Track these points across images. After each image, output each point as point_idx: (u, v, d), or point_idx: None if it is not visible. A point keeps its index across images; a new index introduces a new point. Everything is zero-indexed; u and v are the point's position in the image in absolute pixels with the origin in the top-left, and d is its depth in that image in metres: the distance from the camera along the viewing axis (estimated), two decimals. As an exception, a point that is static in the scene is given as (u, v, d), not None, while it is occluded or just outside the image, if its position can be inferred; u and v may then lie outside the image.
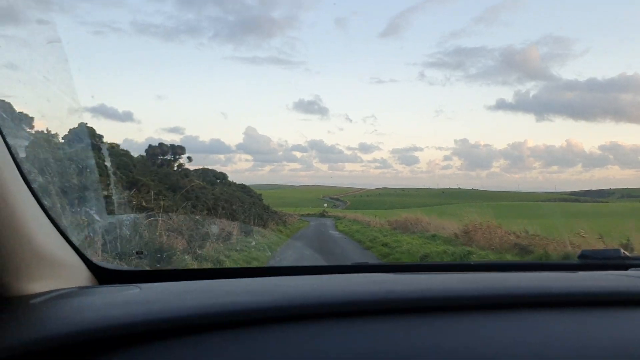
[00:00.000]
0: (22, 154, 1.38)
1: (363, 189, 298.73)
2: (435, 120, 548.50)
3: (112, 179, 7.93)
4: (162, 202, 11.59)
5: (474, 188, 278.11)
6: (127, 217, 7.80)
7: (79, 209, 3.56)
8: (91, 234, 3.82)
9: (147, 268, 1.90)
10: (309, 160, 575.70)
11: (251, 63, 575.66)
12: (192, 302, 1.16)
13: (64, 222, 1.91)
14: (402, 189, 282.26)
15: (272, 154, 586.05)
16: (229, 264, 9.49)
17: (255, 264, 10.85)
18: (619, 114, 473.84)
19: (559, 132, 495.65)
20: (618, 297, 1.22)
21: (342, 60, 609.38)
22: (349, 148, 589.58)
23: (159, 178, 16.31)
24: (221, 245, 11.54)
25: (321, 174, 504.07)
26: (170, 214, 10.59)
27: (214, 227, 11.23)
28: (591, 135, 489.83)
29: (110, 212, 6.82)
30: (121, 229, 6.68)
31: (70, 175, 3.75)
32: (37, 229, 1.27)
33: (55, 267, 1.36)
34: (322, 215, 63.42)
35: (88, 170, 3.72)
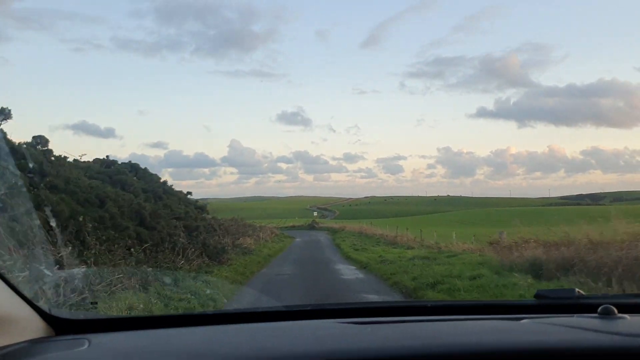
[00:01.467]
0: None
1: (350, 199, 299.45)
2: (417, 129, 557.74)
3: (59, 236, 8.25)
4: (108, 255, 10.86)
5: (462, 195, 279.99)
6: (78, 271, 7.97)
7: (29, 266, 3.60)
8: (43, 288, 3.83)
9: (102, 316, 1.97)
10: (294, 172, 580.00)
11: (234, 76, 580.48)
12: None
13: (16, 279, 1.93)
14: (391, 197, 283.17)
15: (257, 166, 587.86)
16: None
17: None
18: (599, 118, 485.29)
19: (540, 138, 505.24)
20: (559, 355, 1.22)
21: (324, 72, 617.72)
22: (333, 158, 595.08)
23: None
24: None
25: (307, 185, 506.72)
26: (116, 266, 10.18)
27: (167, 278, 10.53)
28: (573, 141, 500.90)
29: (60, 267, 7.15)
30: (73, 282, 6.87)
31: (16, 235, 3.91)
32: None
33: (7, 322, 1.39)
34: (312, 227, 56.66)
35: (33, 230, 3.86)
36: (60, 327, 1.60)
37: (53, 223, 6.85)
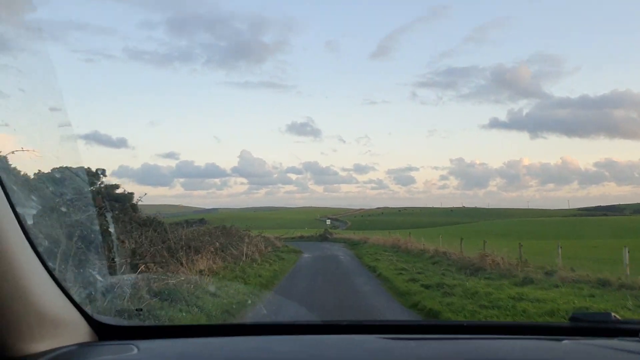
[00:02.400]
0: (30, 221, 1.46)
1: (362, 209, 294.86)
2: (429, 139, 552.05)
3: (115, 242, 8.46)
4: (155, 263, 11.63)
5: (478, 206, 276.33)
6: (128, 277, 8.24)
7: (82, 270, 3.74)
8: (93, 293, 4.01)
9: (146, 323, 1.56)
10: (304, 182, 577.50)
11: (244, 87, 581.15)
12: None
13: (68, 283, 1.96)
14: (405, 208, 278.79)
15: (267, 177, 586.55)
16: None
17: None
18: (613, 130, 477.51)
19: (553, 150, 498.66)
20: None
21: (333, 82, 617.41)
22: (343, 169, 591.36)
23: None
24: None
25: (317, 196, 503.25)
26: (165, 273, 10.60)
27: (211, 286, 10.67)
28: (586, 152, 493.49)
29: (113, 273, 7.28)
30: (122, 289, 7.07)
31: (74, 239, 4.09)
32: (42, 291, 1.36)
33: (57, 326, 1.44)
34: (324, 237, 51.34)
35: (92, 235, 4.02)
36: (104, 332, 1.65)
37: (112, 229, 6.92)
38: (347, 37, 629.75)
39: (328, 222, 56.47)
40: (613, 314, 1.78)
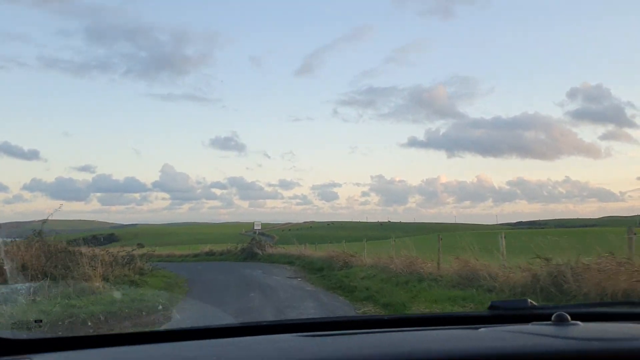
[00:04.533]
0: None
1: (289, 223, 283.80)
2: (351, 156, 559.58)
3: (2, 249, 8.42)
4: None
5: (403, 221, 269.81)
6: (22, 286, 7.91)
7: None
8: None
9: (47, 335, 1.77)
10: (229, 198, 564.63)
11: (166, 100, 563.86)
12: None
13: None
14: (332, 222, 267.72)
15: (191, 192, 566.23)
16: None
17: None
18: (524, 150, 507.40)
19: (469, 168, 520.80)
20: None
21: (258, 98, 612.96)
22: (269, 185, 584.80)
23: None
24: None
25: (242, 211, 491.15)
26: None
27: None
28: (499, 171, 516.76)
29: (3, 282, 7.71)
30: (16, 298, 7.02)
31: None
32: None
33: None
34: (251, 254, 32.69)
35: None
36: (2, 347, 1.52)
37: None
38: (272, 53, 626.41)
39: (258, 227, 36.15)
40: (529, 300, 1.87)
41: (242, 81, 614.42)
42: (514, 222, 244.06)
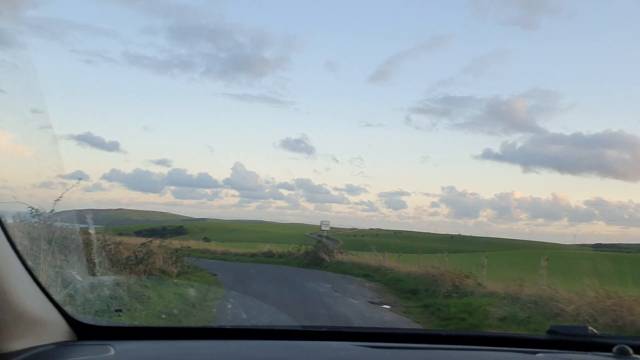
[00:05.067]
0: (9, 220, 1.23)
1: (354, 229, 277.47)
2: (421, 166, 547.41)
3: (95, 243, 8.58)
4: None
5: (473, 235, 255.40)
6: (108, 278, 8.22)
7: (62, 270, 3.73)
8: (72, 293, 3.79)
9: (125, 324, 2.00)
10: (295, 199, 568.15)
11: (241, 100, 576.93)
12: None
13: (47, 282, 2.19)
14: (399, 231, 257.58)
15: (259, 191, 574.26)
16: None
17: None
18: (605, 169, 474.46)
19: (545, 185, 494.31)
20: None
21: (331, 102, 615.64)
22: (335, 189, 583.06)
23: None
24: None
25: (308, 213, 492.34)
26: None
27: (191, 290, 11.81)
28: (577, 190, 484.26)
29: (92, 274, 7.70)
30: (102, 289, 7.17)
31: (55, 239, 4.36)
32: (20, 289, 1.34)
33: (35, 324, 1.42)
34: (316, 260, 26.35)
35: (72, 235, 4.37)
36: (83, 332, 1.64)
37: (92, 230, 7.21)
38: (348, 58, 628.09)
39: (326, 227, 29.32)
40: (590, 327, 1.77)
41: (316, 85, 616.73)
42: (592, 243, 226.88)
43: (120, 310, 6.59)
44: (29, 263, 1.43)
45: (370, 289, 16.10)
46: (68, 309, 1.61)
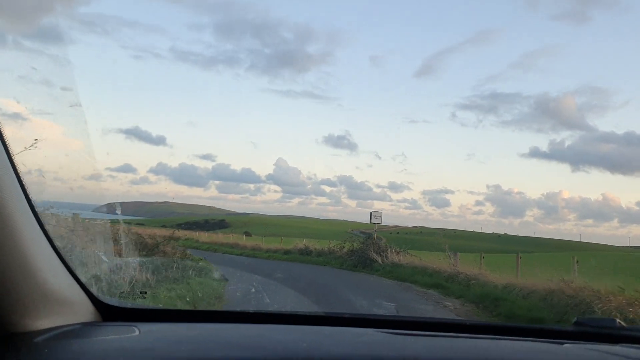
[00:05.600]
0: (38, 199, 1.47)
1: (397, 226, 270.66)
2: (466, 163, 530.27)
3: (122, 225, 8.55)
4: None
5: (521, 235, 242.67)
6: (133, 260, 8.60)
7: (88, 251, 3.77)
8: (99, 274, 3.87)
9: (150, 306, 2.08)
10: (337, 195, 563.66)
11: (285, 96, 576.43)
12: (186, 354, 1.23)
13: (74, 262, 2.01)
14: (444, 229, 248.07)
15: (301, 187, 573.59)
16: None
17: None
18: None
19: (594, 185, 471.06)
20: None
21: (375, 98, 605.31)
22: (378, 186, 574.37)
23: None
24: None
25: (349, 210, 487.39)
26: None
27: (216, 273, 12.42)
28: (629, 190, 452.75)
29: (118, 255, 7.99)
30: (127, 270, 7.36)
31: (82, 220, 4.62)
32: (48, 269, 1.36)
33: (61, 304, 1.44)
34: (364, 261, 21.54)
35: (99, 221, 4.64)
36: (108, 313, 1.66)
37: (118, 211, 7.12)
38: (393, 53, 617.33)
39: (377, 219, 24.49)
40: (618, 320, 1.74)
41: (360, 80, 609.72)
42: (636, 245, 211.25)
43: (145, 293, 6.59)
44: (57, 243, 1.45)
45: (456, 313, 10.21)
46: (94, 290, 1.64)
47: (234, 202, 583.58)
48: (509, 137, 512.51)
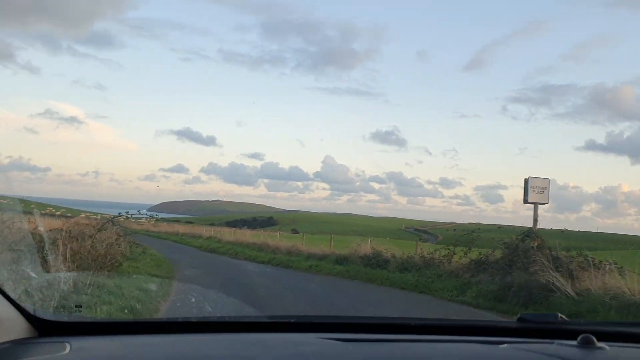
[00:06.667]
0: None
1: (453, 223, 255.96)
2: (519, 157, 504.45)
3: (46, 241, 8.54)
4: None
5: (582, 230, 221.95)
6: (65, 275, 8.08)
7: (14, 267, 3.67)
8: (29, 289, 3.75)
9: (87, 319, 1.99)
10: (387, 192, 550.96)
11: (331, 93, 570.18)
12: None
13: (0, 279, 1.99)
14: (501, 226, 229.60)
15: (350, 184, 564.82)
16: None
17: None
18: None
19: None
20: None
21: (422, 93, 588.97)
22: (429, 182, 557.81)
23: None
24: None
25: (400, 207, 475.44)
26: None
27: (152, 285, 11.01)
28: None
29: (47, 271, 7.51)
30: (59, 285, 7.00)
31: (4, 237, 4.55)
32: None
33: None
34: (533, 283, 10.64)
35: (22, 233, 4.36)
36: (44, 328, 1.60)
37: (41, 228, 6.97)
38: (439, 47, 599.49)
39: (542, 195, 14.74)
40: (560, 315, 1.76)
41: (406, 76, 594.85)
42: None
43: (80, 306, 6.48)
44: None
45: None
46: (28, 305, 1.58)
47: (282, 200, 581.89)
48: (562, 130, 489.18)
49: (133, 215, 16.34)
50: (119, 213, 15.10)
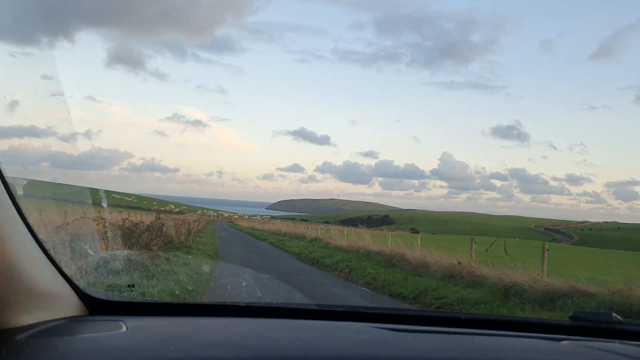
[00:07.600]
0: (20, 191, 1.45)
1: (586, 222, 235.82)
2: None
3: (108, 217, 8.82)
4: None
5: None
6: (121, 253, 8.31)
7: (73, 244, 3.67)
8: (84, 267, 3.78)
9: (138, 299, 1.97)
10: (509, 190, 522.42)
11: (448, 88, 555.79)
12: (175, 354, 1.17)
13: (58, 256, 1.85)
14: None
15: (469, 182, 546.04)
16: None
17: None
18: None
19: None
20: None
21: (546, 84, 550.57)
22: (554, 179, 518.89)
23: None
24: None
25: (523, 205, 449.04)
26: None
27: (206, 267, 11.96)
28: None
29: (105, 249, 7.63)
30: (114, 264, 7.14)
31: (66, 212, 4.64)
32: (31, 263, 1.32)
33: (46, 298, 1.41)
34: None
35: (84, 209, 4.44)
36: (94, 306, 1.62)
37: (104, 204, 6.60)
38: (564, 36, 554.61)
39: None
40: (614, 314, 1.74)
41: (528, 67, 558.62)
42: None
43: (132, 286, 6.23)
44: (40, 236, 1.41)
45: None
46: (80, 283, 1.60)
47: (397, 199, 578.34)
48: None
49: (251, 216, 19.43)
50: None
